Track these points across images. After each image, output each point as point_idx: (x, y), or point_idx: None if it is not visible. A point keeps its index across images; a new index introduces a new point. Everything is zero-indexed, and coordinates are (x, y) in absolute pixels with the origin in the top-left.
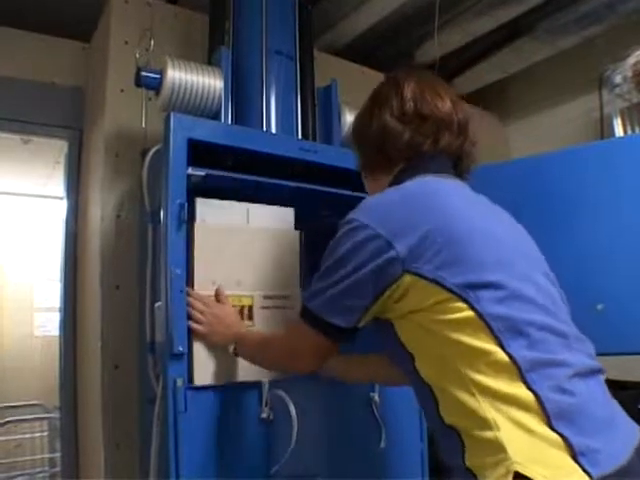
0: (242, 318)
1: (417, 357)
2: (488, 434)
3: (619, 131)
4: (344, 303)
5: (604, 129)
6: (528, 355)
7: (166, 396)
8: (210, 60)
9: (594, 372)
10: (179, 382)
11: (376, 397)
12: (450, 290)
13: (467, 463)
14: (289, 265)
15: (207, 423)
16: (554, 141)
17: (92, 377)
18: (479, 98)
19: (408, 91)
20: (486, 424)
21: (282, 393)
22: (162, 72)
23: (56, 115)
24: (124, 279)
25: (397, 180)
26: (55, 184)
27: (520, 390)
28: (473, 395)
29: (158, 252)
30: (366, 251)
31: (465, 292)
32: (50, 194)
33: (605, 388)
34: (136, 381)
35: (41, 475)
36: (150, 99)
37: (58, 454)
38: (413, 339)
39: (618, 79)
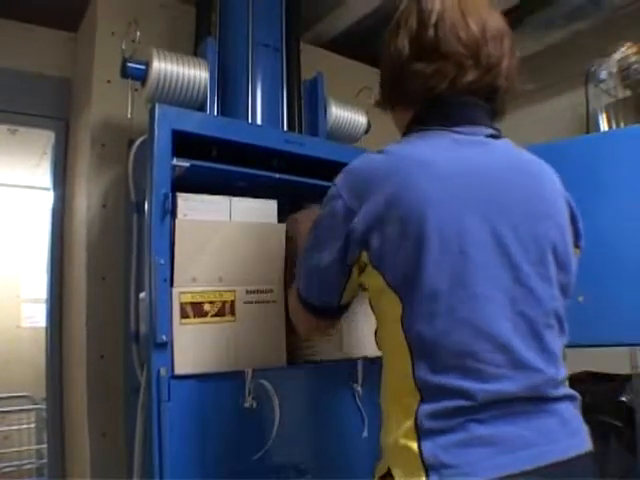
0: (224, 314)
1: (378, 322)
2: (386, 427)
3: (604, 127)
4: (320, 282)
5: (590, 124)
6: (431, 380)
7: (150, 385)
8: (196, 51)
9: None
10: (163, 371)
11: (359, 387)
12: (388, 284)
13: (380, 440)
14: (273, 259)
15: (191, 412)
16: (541, 136)
17: (78, 367)
18: None
19: (432, 14)
20: (386, 418)
21: (265, 382)
22: (147, 63)
23: (43, 105)
24: (110, 270)
25: (412, 124)
26: (42, 175)
27: (410, 401)
28: (386, 376)
29: (143, 242)
30: (338, 219)
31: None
32: (37, 185)
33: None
34: (121, 371)
35: (29, 467)
36: (136, 90)
37: (46, 445)
38: (374, 306)
39: (604, 75)
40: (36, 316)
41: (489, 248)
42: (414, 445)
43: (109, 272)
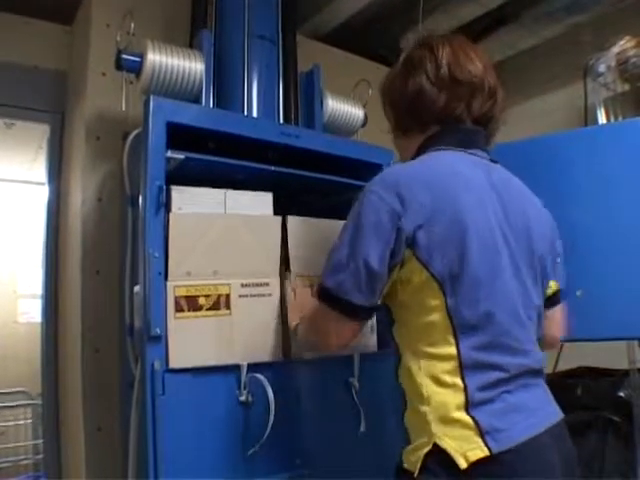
0: (219, 307)
1: (395, 320)
2: (422, 407)
3: (602, 120)
4: (367, 280)
5: (588, 118)
6: (477, 357)
7: (144, 379)
8: (192, 43)
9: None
10: (157, 365)
11: (355, 382)
12: (434, 277)
13: (406, 421)
14: (268, 251)
15: (185, 406)
16: (539, 129)
17: (73, 362)
18: None
19: (443, 55)
20: (422, 397)
21: (260, 376)
22: (142, 55)
23: (38, 99)
24: (105, 263)
25: (428, 144)
26: (39, 169)
27: (455, 379)
28: (417, 365)
29: (138, 236)
30: (384, 221)
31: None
32: (33, 179)
33: (539, 383)
34: (116, 365)
35: (25, 462)
36: (131, 83)
37: (42, 441)
38: (394, 303)
39: (602, 68)
40: (33, 311)
41: (505, 248)
42: (466, 416)
43: (104, 266)
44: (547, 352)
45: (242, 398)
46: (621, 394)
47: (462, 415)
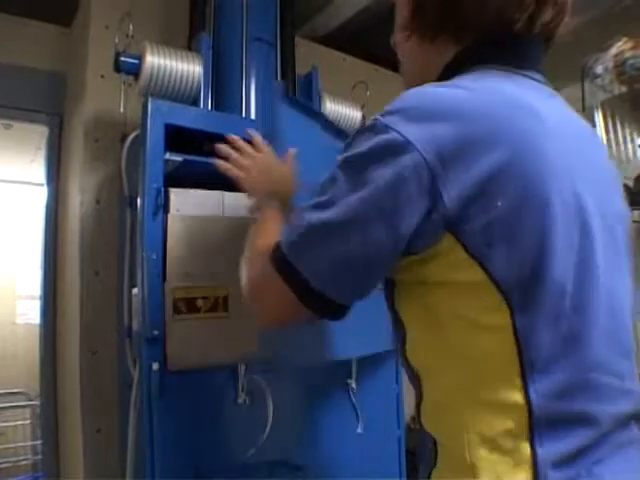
0: (217, 309)
1: (409, 336)
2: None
3: (600, 123)
4: (357, 272)
5: (586, 120)
6: (554, 406)
7: (142, 380)
8: (190, 46)
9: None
10: (155, 366)
11: (353, 384)
12: (493, 279)
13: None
14: None
15: (183, 407)
16: None
17: (72, 363)
18: None
19: None
20: (462, 463)
21: (258, 378)
22: (141, 57)
23: (37, 100)
24: (103, 265)
25: (464, 59)
26: (37, 170)
27: (521, 446)
28: (456, 414)
29: (136, 238)
30: (401, 186)
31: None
32: (32, 181)
33: None
34: (115, 366)
35: (24, 463)
36: (130, 85)
37: (40, 441)
38: (409, 309)
39: (599, 70)
40: (31, 313)
41: (599, 234)
42: None
43: (102, 267)
44: None
45: (240, 400)
46: None
47: None
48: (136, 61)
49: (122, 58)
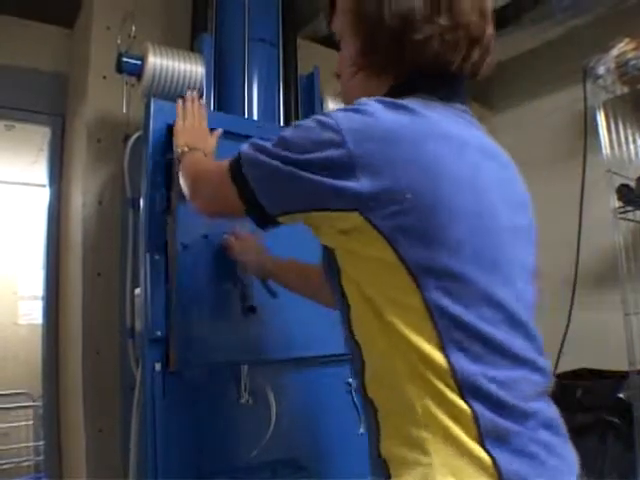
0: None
1: (352, 307)
2: (414, 431)
3: (602, 123)
4: (277, 187)
5: (588, 121)
6: (470, 368)
7: (144, 381)
8: (192, 46)
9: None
10: (157, 367)
11: (354, 383)
12: (402, 260)
13: (383, 449)
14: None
15: (186, 408)
16: (539, 132)
17: (74, 364)
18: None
19: None
20: (415, 419)
21: (261, 379)
22: (143, 58)
23: (39, 101)
24: (105, 266)
25: (401, 90)
26: (39, 171)
27: (457, 400)
28: (406, 380)
29: (139, 238)
30: (325, 158)
31: (419, 274)
32: (34, 182)
33: (555, 410)
34: (117, 367)
35: (27, 463)
36: (132, 85)
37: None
38: (351, 283)
39: (601, 70)
40: (33, 313)
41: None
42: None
43: (105, 268)
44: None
45: (242, 400)
46: (621, 396)
47: (475, 448)
48: (138, 62)
49: (124, 59)
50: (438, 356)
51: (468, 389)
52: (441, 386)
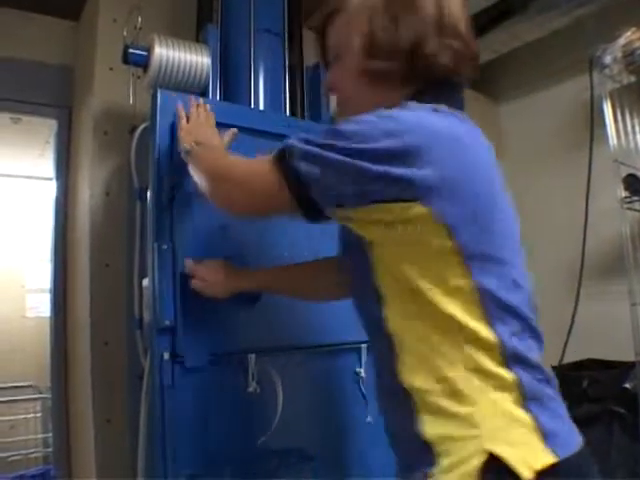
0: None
1: (388, 300)
2: (460, 408)
3: (608, 113)
4: (335, 181)
5: (594, 110)
6: (511, 340)
7: (153, 370)
8: (198, 37)
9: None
10: (166, 356)
11: (362, 372)
12: (458, 246)
13: (426, 433)
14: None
15: (194, 397)
16: (545, 122)
17: (82, 355)
18: None
19: (444, 2)
20: (460, 396)
21: (269, 367)
22: (149, 49)
23: (45, 94)
24: (113, 257)
25: (417, 99)
26: (46, 165)
27: (501, 371)
28: (449, 361)
29: (146, 229)
30: (388, 148)
31: (471, 258)
32: (41, 175)
33: None
34: (125, 357)
35: (35, 455)
36: (139, 77)
37: (51, 434)
38: (391, 276)
39: (608, 60)
40: (41, 306)
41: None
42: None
43: (112, 259)
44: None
45: (250, 389)
46: (627, 386)
47: (517, 411)
48: (144, 53)
49: (130, 50)
50: (486, 332)
51: (513, 359)
52: (486, 361)
